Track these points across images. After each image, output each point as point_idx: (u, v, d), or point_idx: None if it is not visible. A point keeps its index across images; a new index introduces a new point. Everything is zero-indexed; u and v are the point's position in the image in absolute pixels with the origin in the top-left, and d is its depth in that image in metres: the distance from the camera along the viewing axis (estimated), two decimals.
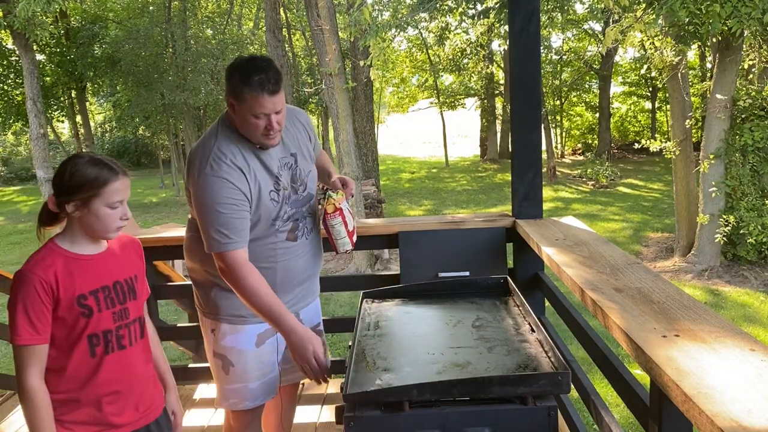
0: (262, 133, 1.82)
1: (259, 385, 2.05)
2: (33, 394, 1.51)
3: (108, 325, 1.61)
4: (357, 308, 2.04)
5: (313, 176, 2.06)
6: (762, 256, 8.46)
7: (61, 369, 1.57)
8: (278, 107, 1.81)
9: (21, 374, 1.51)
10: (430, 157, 24.59)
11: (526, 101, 2.66)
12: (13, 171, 22.64)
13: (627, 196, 14.42)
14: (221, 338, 2.01)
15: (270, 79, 1.77)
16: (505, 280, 2.14)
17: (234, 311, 1.98)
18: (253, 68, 1.77)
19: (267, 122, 1.80)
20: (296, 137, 2.01)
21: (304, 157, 2.02)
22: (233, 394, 2.05)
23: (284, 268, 2.00)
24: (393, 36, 12.04)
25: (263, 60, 1.81)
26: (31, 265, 1.53)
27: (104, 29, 17.12)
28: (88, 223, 1.57)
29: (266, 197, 1.89)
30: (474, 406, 1.47)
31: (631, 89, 21.97)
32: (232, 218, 1.81)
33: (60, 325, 1.55)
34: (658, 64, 9.26)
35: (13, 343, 1.51)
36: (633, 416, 1.65)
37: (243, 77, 1.77)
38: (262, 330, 2.02)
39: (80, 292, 1.56)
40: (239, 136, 1.88)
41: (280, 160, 1.94)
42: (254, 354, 2.02)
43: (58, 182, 1.56)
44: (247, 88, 1.76)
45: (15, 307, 1.50)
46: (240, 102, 1.79)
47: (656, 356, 1.24)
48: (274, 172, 1.91)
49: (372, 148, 12.39)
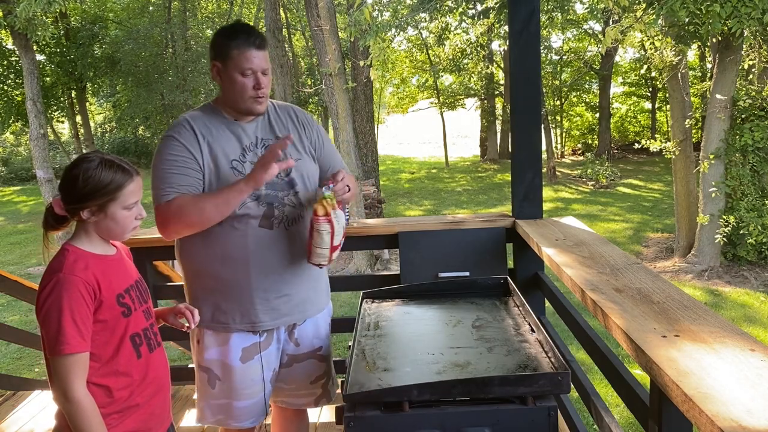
0: (250, 95, 1.80)
1: (248, 405, 1.95)
2: (83, 404, 1.43)
3: (143, 324, 1.59)
4: (357, 308, 2.04)
5: (303, 167, 1.94)
6: (762, 256, 8.46)
7: (108, 377, 1.51)
8: (264, 65, 1.80)
9: (67, 386, 1.42)
10: (430, 157, 24.59)
11: (526, 101, 2.66)
12: (13, 171, 22.64)
13: (627, 197, 14.43)
14: (205, 350, 1.93)
15: (255, 35, 1.79)
16: (505, 281, 2.14)
17: (215, 317, 1.90)
18: (238, 28, 1.81)
19: (255, 81, 1.79)
20: (287, 126, 1.97)
21: (294, 146, 1.94)
22: (219, 410, 1.95)
23: (259, 260, 1.85)
24: (393, 36, 12.04)
25: (247, 23, 1.85)
26: (68, 269, 1.46)
27: (104, 29, 17.12)
28: (105, 227, 1.53)
29: (225, 165, 1.82)
30: (474, 406, 1.47)
31: (631, 89, 21.98)
32: (170, 172, 1.78)
33: (100, 330, 1.49)
34: (658, 64, 9.27)
35: (60, 353, 1.41)
36: (633, 416, 1.65)
37: (228, 35, 1.79)
38: (248, 344, 1.91)
39: (118, 290, 1.53)
40: (215, 112, 1.88)
41: (259, 138, 1.89)
42: (240, 370, 1.91)
43: (69, 189, 1.49)
44: (233, 43, 1.77)
45: (60, 314, 1.41)
46: (226, 60, 1.79)
47: (656, 356, 1.24)
48: (243, 143, 1.86)
49: (372, 148, 12.40)
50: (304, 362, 2.05)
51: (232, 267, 1.85)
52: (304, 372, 2.06)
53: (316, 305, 2.04)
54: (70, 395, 1.42)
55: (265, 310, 1.89)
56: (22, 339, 3.58)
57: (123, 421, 1.54)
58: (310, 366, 2.06)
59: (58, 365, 1.42)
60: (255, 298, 1.87)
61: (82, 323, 1.43)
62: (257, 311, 1.88)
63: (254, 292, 1.87)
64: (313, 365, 2.07)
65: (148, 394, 1.60)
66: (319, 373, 2.08)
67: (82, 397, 1.43)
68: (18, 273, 9.80)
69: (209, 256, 1.86)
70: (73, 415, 1.43)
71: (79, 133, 18.89)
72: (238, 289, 1.87)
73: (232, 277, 1.86)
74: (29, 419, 3.13)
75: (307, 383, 2.07)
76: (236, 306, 1.88)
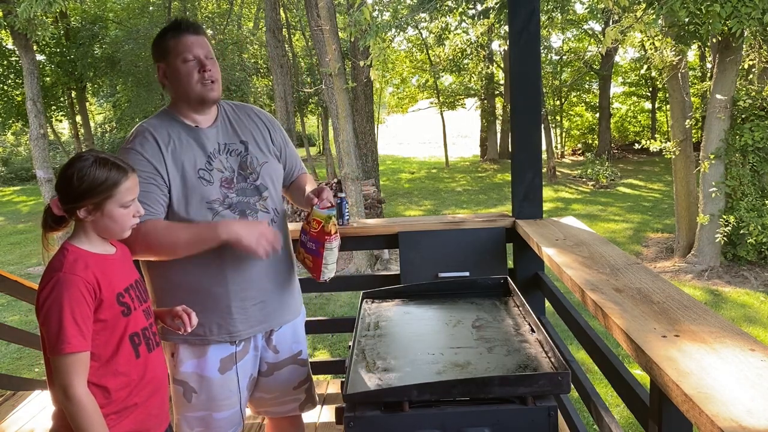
0: (198, 80, 1.78)
1: (227, 416, 1.92)
2: (84, 403, 1.43)
3: (143, 323, 1.59)
4: (357, 308, 2.04)
5: (271, 169, 1.93)
6: (762, 256, 8.46)
7: (107, 377, 1.51)
8: (205, 50, 1.81)
9: (68, 385, 1.42)
10: (430, 157, 24.60)
11: (526, 101, 2.66)
12: (13, 171, 22.66)
13: (627, 197, 14.43)
14: (180, 363, 1.86)
15: (187, 23, 1.82)
16: (505, 281, 2.14)
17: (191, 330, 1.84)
18: (171, 24, 1.84)
19: (199, 66, 1.79)
20: (249, 128, 1.94)
21: (259, 148, 1.92)
22: (198, 422, 1.91)
23: (235, 269, 1.82)
24: (393, 36, 12.04)
25: (180, 18, 1.88)
26: (68, 268, 1.45)
27: (104, 29, 17.10)
28: (103, 225, 1.53)
29: (192, 174, 1.78)
30: (474, 406, 1.47)
31: (631, 89, 21.99)
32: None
33: (100, 329, 1.49)
34: (658, 64, 9.27)
35: (60, 352, 1.40)
36: (633, 416, 1.65)
37: (162, 33, 1.83)
38: (226, 355, 1.87)
39: (118, 289, 1.53)
40: (173, 118, 1.85)
41: (222, 144, 1.86)
42: (219, 381, 1.87)
43: (64, 188, 1.49)
44: (168, 35, 1.80)
45: (61, 314, 1.41)
46: (166, 55, 1.80)
47: (656, 356, 1.24)
48: (207, 150, 1.82)
49: (372, 148, 12.40)
50: (284, 369, 2.03)
51: (208, 278, 1.81)
52: (286, 379, 2.04)
53: (292, 310, 2.03)
54: (71, 394, 1.42)
55: (242, 319, 1.86)
56: (22, 339, 3.58)
57: (121, 421, 1.54)
58: (291, 372, 2.05)
59: (59, 365, 1.42)
60: (232, 307, 1.84)
61: (83, 322, 1.43)
62: (234, 320, 1.85)
63: (232, 302, 1.83)
64: (295, 370, 2.06)
65: (146, 394, 1.59)
66: (301, 378, 2.08)
67: (83, 396, 1.43)
68: (18, 273, 9.80)
69: (184, 268, 1.80)
70: (74, 415, 1.43)
71: (79, 133, 18.88)
72: (215, 300, 1.82)
73: (209, 288, 1.82)
74: (29, 419, 3.13)
75: (290, 389, 2.06)
76: (213, 317, 1.83)
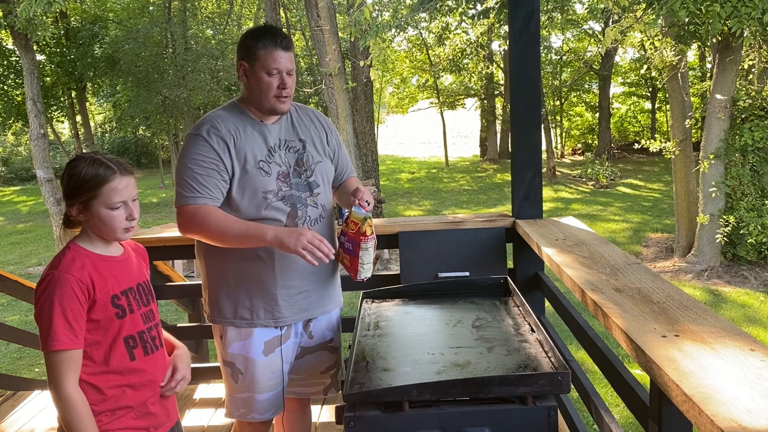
0: (275, 94, 1.86)
1: (269, 397, 2.01)
2: (73, 401, 1.44)
3: (140, 327, 1.59)
4: (357, 308, 2.04)
5: (323, 169, 2.02)
6: (762, 256, 8.46)
7: (99, 376, 1.51)
8: (290, 66, 1.87)
9: (58, 382, 1.43)
10: (430, 157, 24.59)
11: (526, 101, 2.66)
12: (13, 171, 22.66)
13: (627, 197, 14.43)
14: (228, 345, 1.98)
15: (282, 36, 1.87)
16: (505, 281, 2.14)
17: (238, 313, 1.95)
18: (265, 30, 1.88)
19: (280, 81, 1.85)
20: (309, 129, 2.03)
21: (316, 148, 2.01)
22: (243, 404, 2.01)
23: (283, 258, 1.91)
24: (393, 36, 12.04)
25: (274, 26, 1.94)
26: (64, 267, 1.47)
27: (104, 29, 17.10)
28: (94, 225, 1.53)
29: (253, 165, 1.87)
30: (474, 406, 1.47)
31: (631, 89, 21.99)
32: (197, 173, 1.83)
33: (93, 329, 1.50)
34: (658, 64, 9.27)
35: (49, 349, 1.42)
36: (633, 416, 1.64)
37: (255, 36, 1.86)
38: (270, 337, 1.97)
39: (113, 291, 1.53)
40: (241, 112, 1.93)
41: (282, 140, 1.95)
42: (262, 363, 1.97)
43: (63, 186, 1.53)
44: (260, 43, 1.84)
45: (51, 311, 1.42)
46: (253, 61, 1.85)
47: (656, 356, 1.24)
48: (269, 144, 1.92)
49: (372, 149, 12.40)
50: (315, 353, 2.12)
51: (259, 265, 1.91)
52: (315, 362, 2.13)
53: (333, 301, 2.13)
54: (60, 391, 1.44)
55: (287, 306, 1.96)
56: (21, 339, 3.58)
57: (115, 420, 1.55)
58: (321, 357, 2.14)
59: (50, 361, 1.44)
60: (279, 294, 1.93)
61: (74, 321, 1.44)
62: (280, 307, 1.95)
63: (278, 289, 1.93)
64: (324, 356, 2.14)
65: (142, 395, 1.59)
66: (329, 364, 2.16)
67: (72, 394, 1.44)
68: (18, 273, 9.80)
69: (236, 254, 1.91)
70: (63, 412, 1.45)
71: (79, 133, 18.88)
72: (263, 287, 1.93)
73: (258, 275, 1.92)
74: (29, 419, 3.13)
75: (317, 373, 2.14)
76: (260, 303, 1.94)
